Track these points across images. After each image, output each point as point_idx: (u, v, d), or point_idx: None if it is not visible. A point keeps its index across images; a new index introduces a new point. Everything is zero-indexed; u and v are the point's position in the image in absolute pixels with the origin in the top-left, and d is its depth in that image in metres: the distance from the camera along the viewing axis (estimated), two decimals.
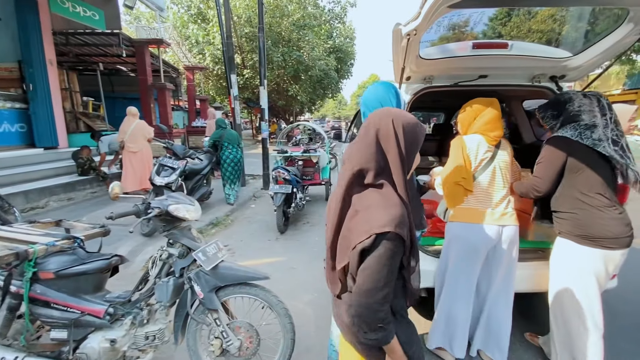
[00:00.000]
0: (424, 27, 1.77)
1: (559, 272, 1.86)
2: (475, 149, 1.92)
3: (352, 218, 0.93)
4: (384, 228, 0.85)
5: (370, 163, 0.93)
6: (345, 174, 0.96)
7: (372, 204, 0.91)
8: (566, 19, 6.76)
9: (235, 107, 6.98)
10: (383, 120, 0.96)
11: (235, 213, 5.63)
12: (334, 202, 0.99)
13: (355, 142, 1.01)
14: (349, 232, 0.93)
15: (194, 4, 16.00)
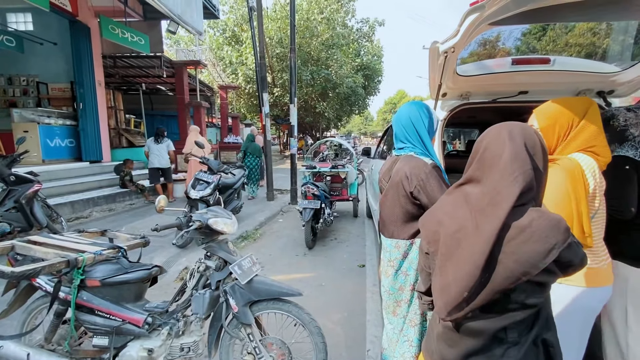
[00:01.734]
0: (462, 45, 1.77)
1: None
2: (593, 180, 1.32)
3: (512, 240, 0.86)
4: (571, 239, 0.85)
5: (532, 180, 0.88)
6: (506, 193, 0.88)
7: (533, 217, 0.86)
8: (609, 32, 6.44)
9: (266, 124, 7.20)
10: (527, 132, 0.93)
11: (263, 227, 5.70)
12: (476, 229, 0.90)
13: (487, 160, 0.94)
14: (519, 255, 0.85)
15: (229, 27, 16.95)
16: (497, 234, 0.86)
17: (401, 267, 1.61)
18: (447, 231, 0.99)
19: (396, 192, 1.57)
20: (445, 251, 0.99)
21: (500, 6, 1.32)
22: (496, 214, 0.87)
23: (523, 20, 1.80)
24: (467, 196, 0.98)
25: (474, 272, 0.89)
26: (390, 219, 1.63)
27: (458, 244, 0.95)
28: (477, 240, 0.89)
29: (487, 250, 0.87)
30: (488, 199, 0.91)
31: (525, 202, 0.89)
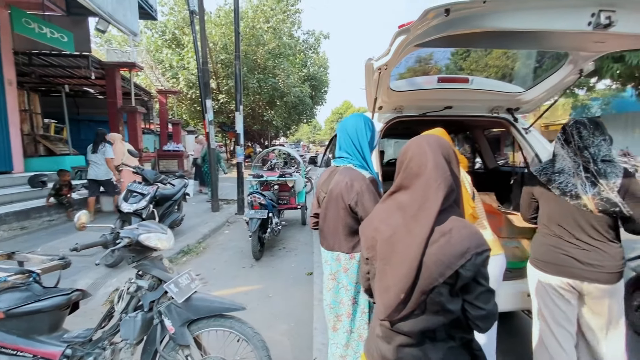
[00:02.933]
0: (393, 63, 1.91)
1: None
2: (464, 175, 1.82)
3: (434, 243, 0.94)
4: (483, 247, 0.92)
5: (453, 184, 1.00)
6: (433, 199, 0.97)
7: (454, 225, 0.95)
8: (518, 57, 7.51)
9: (210, 131, 6.93)
10: (442, 143, 1.05)
11: (208, 240, 5.43)
12: (409, 233, 0.98)
13: (413, 169, 1.03)
14: (439, 256, 0.93)
15: (169, 29, 16.09)
16: (427, 237, 0.94)
17: (342, 281, 1.65)
18: (383, 236, 1.05)
19: (336, 205, 1.61)
20: (383, 256, 1.05)
21: (422, 31, 1.46)
22: (426, 218, 0.96)
23: (446, 44, 2.01)
24: (399, 203, 1.06)
25: (409, 274, 0.95)
26: (330, 231, 1.66)
27: (393, 249, 1.02)
28: (411, 244, 0.97)
29: (420, 252, 0.95)
30: (418, 204, 0.99)
31: (447, 205, 0.99)
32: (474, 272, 0.90)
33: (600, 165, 1.55)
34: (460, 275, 0.90)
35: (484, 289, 0.93)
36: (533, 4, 1.24)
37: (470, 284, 0.92)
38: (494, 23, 1.27)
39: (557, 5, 1.25)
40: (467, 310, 0.95)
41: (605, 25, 1.25)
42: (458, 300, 0.94)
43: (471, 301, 0.93)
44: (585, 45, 1.68)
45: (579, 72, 2.06)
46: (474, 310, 0.94)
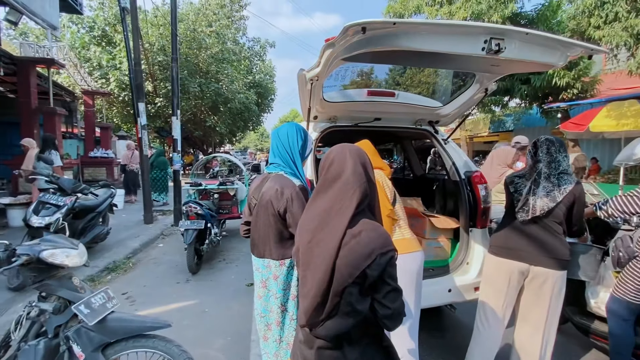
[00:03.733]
0: (324, 74, 1.99)
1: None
2: (384, 181, 2.00)
3: (345, 246, 0.98)
4: (387, 247, 0.98)
5: (367, 190, 1.06)
6: (348, 205, 1.02)
7: (364, 228, 1.00)
8: (445, 75, 8.36)
9: (142, 137, 6.44)
10: (360, 152, 1.12)
11: (139, 254, 5.00)
12: (325, 237, 1.02)
13: (333, 174, 1.09)
14: (348, 258, 0.97)
15: (98, 25, 14.72)
16: (340, 240, 0.99)
17: (272, 288, 1.64)
18: (303, 242, 1.08)
19: (266, 212, 1.61)
20: (303, 260, 1.08)
21: (345, 46, 1.56)
22: (340, 222, 1.01)
23: (371, 60, 2.15)
24: (318, 208, 1.09)
25: (324, 277, 0.99)
26: (260, 238, 1.66)
27: (312, 253, 1.05)
28: (326, 247, 1.00)
29: (333, 255, 0.98)
30: (334, 209, 1.04)
31: (361, 209, 1.05)
32: (380, 272, 0.95)
33: (560, 176, 1.88)
34: (367, 275, 0.95)
35: (391, 288, 0.98)
36: (436, 29, 1.40)
37: (377, 283, 0.97)
38: (405, 43, 1.41)
39: (457, 32, 1.43)
40: (376, 309, 1.00)
41: (495, 50, 1.46)
42: (367, 300, 0.99)
43: (379, 300, 0.98)
44: (486, 67, 1.94)
45: (485, 90, 2.37)
46: (382, 309, 0.98)
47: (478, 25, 1.44)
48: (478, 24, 1.45)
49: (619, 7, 6.57)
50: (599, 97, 9.80)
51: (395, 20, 1.28)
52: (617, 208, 1.98)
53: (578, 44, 1.56)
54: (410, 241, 1.93)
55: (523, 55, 1.53)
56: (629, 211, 1.96)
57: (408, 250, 1.87)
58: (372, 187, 1.10)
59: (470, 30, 1.44)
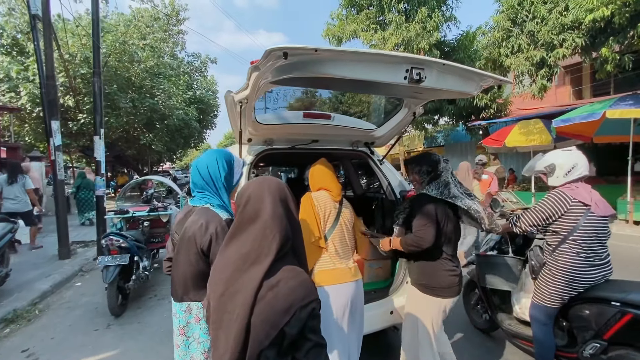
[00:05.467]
0: (253, 97, 1.89)
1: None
2: (323, 205, 1.94)
3: (262, 300, 0.86)
4: (308, 298, 0.88)
5: (289, 233, 0.96)
6: (267, 251, 0.91)
7: (283, 277, 0.90)
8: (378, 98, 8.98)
9: (57, 159, 5.64)
10: (280, 187, 1.02)
11: (48, 298, 4.25)
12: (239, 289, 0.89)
13: (249, 215, 0.98)
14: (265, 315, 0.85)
15: (8, 32, 12.91)
16: (255, 293, 0.86)
17: (193, 334, 1.45)
18: (215, 294, 0.93)
19: (187, 249, 1.42)
20: (215, 318, 0.93)
21: (270, 70, 1.48)
22: (256, 272, 0.88)
23: (303, 84, 2.12)
24: (232, 254, 0.96)
25: (238, 338, 0.85)
26: (180, 279, 1.46)
27: (224, 309, 0.90)
28: (240, 302, 0.87)
29: (247, 312, 0.85)
30: (250, 256, 0.91)
31: (282, 255, 0.94)
32: (300, 328, 0.84)
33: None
34: (286, 334, 0.83)
35: (313, 343, 0.87)
36: (359, 57, 1.40)
37: (298, 340, 0.85)
38: (329, 70, 1.38)
39: (379, 60, 1.45)
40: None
41: (417, 80, 1.51)
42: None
43: (300, 359, 0.86)
44: (410, 94, 2.02)
45: (413, 114, 2.47)
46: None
47: (399, 55, 1.48)
48: (399, 54, 1.49)
49: (521, 40, 7.64)
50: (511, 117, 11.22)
51: (317, 47, 1.24)
52: (528, 223, 2.16)
53: (489, 75, 1.69)
54: (342, 271, 1.88)
55: (441, 84, 1.60)
56: (537, 224, 2.14)
57: (339, 281, 1.84)
58: (294, 227, 1.01)
59: (392, 59, 1.47)
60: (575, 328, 2.15)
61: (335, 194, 2.00)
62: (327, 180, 2.03)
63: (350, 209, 2.10)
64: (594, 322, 2.01)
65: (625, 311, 1.88)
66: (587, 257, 2.02)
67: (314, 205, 1.93)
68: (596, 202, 2.04)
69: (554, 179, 2.17)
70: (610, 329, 1.94)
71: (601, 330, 1.98)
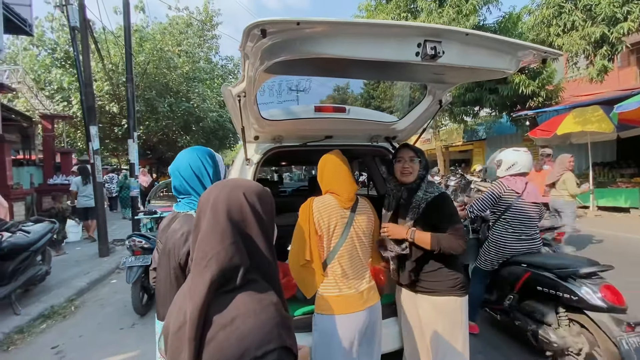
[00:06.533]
0: (251, 90, 1.70)
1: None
2: (327, 216, 1.59)
3: (212, 341, 0.66)
4: (267, 346, 0.64)
5: (235, 257, 0.72)
6: (198, 283, 0.70)
7: (239, 313, 0.68)
8: (407, 89, 8.46)
9: (96, 162, 5.95)
10: (232, 196, 0.78)
11: (85, 295, 4.46)
12: (187, 326, 0.68)
13: (195, 232, 0.78)
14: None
15: (61, 47, 14.13)
16: (194, 334, 0.67)
17: None
18: (172, 330, 0.76)
19: (167, 263, 1.26)
20: (171, 356, 0.75)
21: (258, 55, 1.28)
22: (192, 309, 0.68)
23: (302, 72, 1.89)
24: (187, 284, 0.79)
25: None
26: (160, 296, 1.29)
27: (178, 348, 0.72)
28: (184, 345, 0.69)
29: (191, 355, 0.67)
30: (188, 290, 0.73)
31: (236, 286, 0.72)
32: None
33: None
34: None
35: None
36: (354, 30, 1.15)
37: None
38: (320, 49, 1.15)
39: (382, 34, 1.19)
40: None
41: (431, 55, 1.22)
42: None
43: None
44: (429, 76, 1.72)
45: (439, 103, 2.15)
46: None
47: (408, 25, 1.20)
48: (409, 23, 1.21)
49: (575, 16, 6.76)
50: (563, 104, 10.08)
51: (299, 20, 1.01)
52: (477, 208, 2.70)
53: (530, 45, 1.34)
54: (350, 298, 1.56)
55: (465, 60, 1.29)
56: (482, 208, 2.71)
57: (345, 311, 1.53)
58: (254, 250, 0.77)
59: (398, 31, 1.19)
60: (501, 285, 2.77)
61: (344, 198, 1.62)
62: (335, 180, 1.67)
63: (368, 214, 1.72)
64: (510, 279, 2.63)
65: (527, 269, 2.50)
66: (514, 233, 2.62)
67: (312, 217, 1.59)
68: (528, 191, 2.63)
69: (499, 171, 2.79)
70: (517, 283, 2.56)
71: (513, 286, 2.61)
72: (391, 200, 1.87)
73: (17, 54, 15.09)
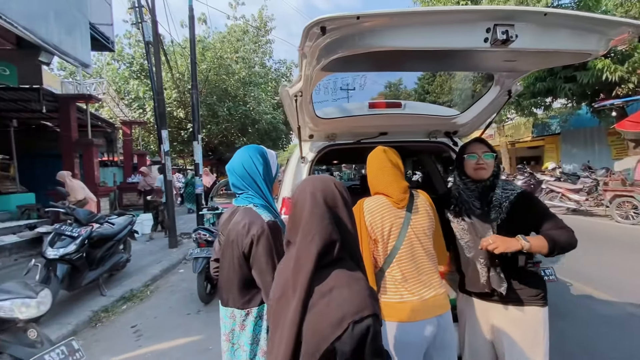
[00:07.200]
0: (308, 89, 1.74)
1: None
2: (380, 219, 1.47)
3: (314, 307, 0.80)
4: (362, 312, 0.75)
5: (333, 234, 0.87)
6: (305, 255, 0.85)
7: (336, 284, 0.82)
8: (480, 80, 7.83)
9: (166, 162, 6.59)
10: (326, 186, 0.95)
11: (158, 282, 4.97)
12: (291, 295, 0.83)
13: (292, 218, 0.94)
14: (315, 325, 0.78)
15: (137, 60, 15.92)
16: (303, 300, 0.81)
17: (238, 341, 1.38)
18: (274, 297, 0.94)
19: (231, 252, 1.36)
20: (272, 320, 0.93)
21: (316, 53, 1.29)
22: (301, 278, 0.83)
23: (347, 68, 1.85)
24: (288, 258, 0.95)
25: (288, 346, 0.81)
26: (224, 283, 1.41)
27: (281, 313, 0.88)
28: (291, 310, 0.83)
29: (297, 320, 0.81)
30: (294, 263, 0.87)
31: (331, 260, 0.86)
32: (353, 347, 0.73)
33: None
34: (338, 351, 0.73)
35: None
36: (415, 19, 1.09)
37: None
38: (379, 42, 1.12)
39: (445, 20, 1.11)
40: None
41: (502, 40, 1.11)
42: None
43: None
44: (498, 64, 1.57)
45: (508, 93, 1.97)
46: None
47: (476, 10, 1.10)
48: (476, 7, 1.12)
49: None
50: None
51: (359, 14, 1.00)
52: None
53: (623, 21, 1.15)
54: (413, 306, 1.39)
55: (543, 43, 1.15)
56: None
57: (409, 319, 1.38)
58: (345, 229, 0.91)
59: (465, 17, 1.10)
60: None
61: (396, 199, 1.48)
62: (380, 181, 1.53)
63: (427, 211, 1.54)
64: None
65: None
66: None
67: (363, 220, 1.47)
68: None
69: None
70: None
71: None
72: (464, 200, 1.63)
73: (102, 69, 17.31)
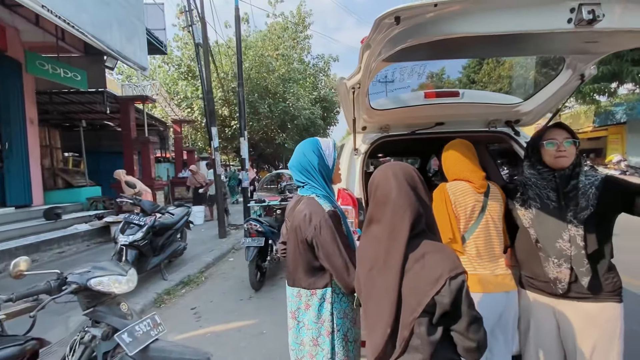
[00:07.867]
0: (366, 80, 1.76)
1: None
2: (462, 200, 1.63)
3: (409, 271, 0.95)
4: (457, 270, 0.90)
5: (420, 208, 1.01)
6: (400, 227, 0.98)
7: (427, 250, 0.96)
8: (533, 66, 7.27)
9: (215, 157, 6.97)
10: (405, 169, 1.08)
11: (211, 269, 5.31)
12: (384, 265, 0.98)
13: (381, 198, 1.06)
14: (414, 284, 0.93)
15: (184, 62, 16.89)
16: (401, 265, 0.94)
17: (303, 319, 1.46)
18: (363, 270, 1.07)
19: (295, 238, 1.46)
20: (365, 291, 1.06)
21: (383, 43, 1.31)
22: (397, 247, 0.96)
23: (421, 57, 1.85)
24: (373, 234, 1.07)
25: (390, 308, 0.94)
26: (291, 265, 1.50)
27: (373, 283, 1.02)
28: (387, 277, 0.97)
29: (397, 283, 0.94)
30: (387, 234, 1.00)
31: (419, 231, 1.00)
32: (452, 299, 0.87)
33: None
34: (438, 303, 0.88)
35: (470, 318, 0.90)
36: (494, 3, 1.07)
37: (453, 312, 0.90)
38: (454, 28, 1.10)
39: (524, 3, 1.07)
40: (456, 342, 0.93)
41: (588, 20, 1.05)
42: (438, 330, 0.92)
43: (461, 332, 0.90)
44: (577, 46, 1.47)
45: (580, 77, 1.83)
46: (463, 341, 0.91)
47: None
48: None
49: None
50: None
51: (436, 1, 1.00)
52: None
53: None
54: (484, 278, 1.53)
55: (634, 22, 1.07)
56: None
57: (479, 290, 1.50)
58: (425, 207, 1.04)
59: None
60: None
61: (478, 185, 1.63)
62: (463, 169, 1.68)
63: (500, 201, 1.65)
64: None
65: None
66: None
67: (449, 200, 1.63)
68: None
69: None
70: None
71: None
72: (538, 192, 1.55)
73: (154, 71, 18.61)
